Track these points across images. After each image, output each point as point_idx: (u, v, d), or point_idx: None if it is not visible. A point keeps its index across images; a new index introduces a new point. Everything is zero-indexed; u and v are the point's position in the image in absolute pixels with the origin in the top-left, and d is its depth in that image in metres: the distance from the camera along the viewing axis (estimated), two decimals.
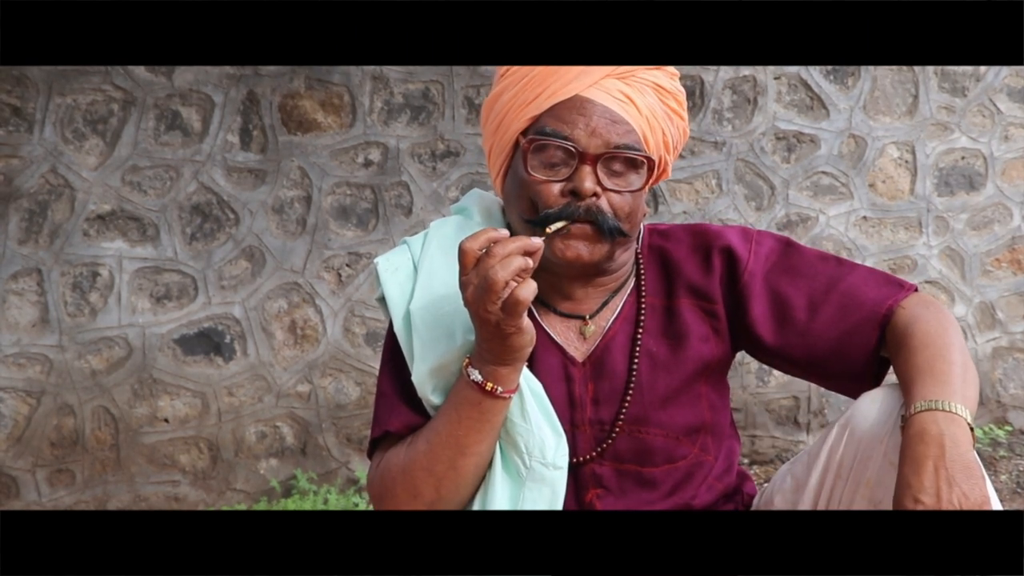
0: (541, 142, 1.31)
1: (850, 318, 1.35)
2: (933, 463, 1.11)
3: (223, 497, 3.22)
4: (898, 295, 1.35)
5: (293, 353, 3.27)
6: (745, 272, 1.40)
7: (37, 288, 3.06)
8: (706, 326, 1.42)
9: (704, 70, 3.53)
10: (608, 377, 1.39)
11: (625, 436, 1.38)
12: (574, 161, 1.30)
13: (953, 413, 1.15)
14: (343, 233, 3.29)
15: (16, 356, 3.04)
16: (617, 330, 1.41)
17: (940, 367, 1.21)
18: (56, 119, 3.05)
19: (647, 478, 1.39)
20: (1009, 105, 3.80)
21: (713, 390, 1.45)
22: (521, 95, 1.34)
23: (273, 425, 3.26)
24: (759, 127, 3.57)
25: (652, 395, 1.39)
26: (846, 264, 1.41)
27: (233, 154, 3.19)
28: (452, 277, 1.34)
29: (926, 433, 1.13)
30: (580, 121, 1.30)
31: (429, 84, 3.32)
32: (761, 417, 3.62)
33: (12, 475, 3.05)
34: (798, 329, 1.37)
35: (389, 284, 1.40)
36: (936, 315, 1.30)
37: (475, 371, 1.26)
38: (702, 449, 1.42)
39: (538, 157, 1.32)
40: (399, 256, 1.45)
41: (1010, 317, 3.87)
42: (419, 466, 1.31)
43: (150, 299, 3.15)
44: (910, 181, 3.73)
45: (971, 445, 1.14)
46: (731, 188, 3.56)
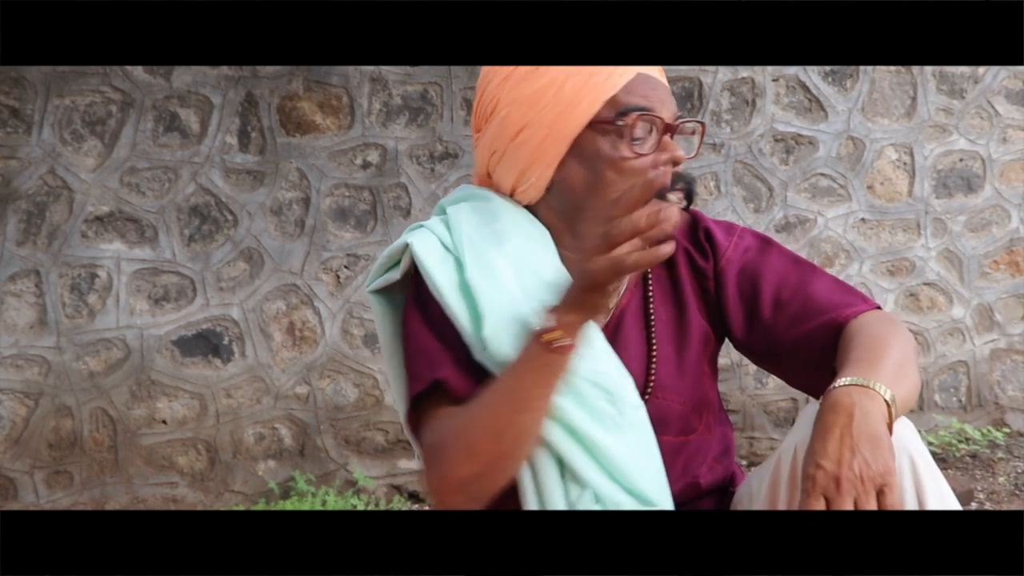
0: (644, 116, 1.32)
1: (811, 320, 1.36)
2: (840, 431, 1.12)
3: (221, 499, 3.22)
4: (859, 306, 1.37)
5: (291, 355, 3.27)
6: (723, 258, 1.42)
7: (35, 290, 3.06)
8: (701, 300, 1.44)
9: (702, 72, 3.53)
10: (627, 346, 1.39)
11: (651, 400, 1.38)
12: (655, 134, 1.32)
13: (869, 388, 1.15)
14: (341, 235, 3.29)
15: (14, 357, 3.04)
16: (629, 299, 1.42)
17: (869, 356, 1.22)
18: (54, 120, 3.05)
19: (666, 448, 1.38)
20: (1007, 107, 3.81)
21: (709, 367, 1.46)
22: (591, 79, 1.33)
23: (271, 427, 3.26)
24: (757, 129, 3.58)
25: (667, 362, 1.40)
26: (817, 271, 1.43)
27: (231, 156, 3.19)
28: (499, 253, 1.34)
29: (838, 404, 1.14)
30: (654, 95, 1.33)
31: (427, 86, 3.32)
32: (759, 419, 3.62)
33: (10, 477, 3.04)
34: (763, 324, 1.39)
35: (429, 259, 1.36)
36: (888, 328, 1.31)
37: (548, 320, 1.24)
38: (706, 427, 1.43)
39: (614, 136, 1.33)
40: (424, 235, 1.41)
41: (1008, 319, 3.87)
42: (478, 425, 1.26)
43: (148, 301, 3.15)
44: (908, 183, 3.74)
45: (883, 418, 1.14)
46: (729, 190, 3.56)
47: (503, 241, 1.36)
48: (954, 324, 3.81)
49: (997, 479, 3.38)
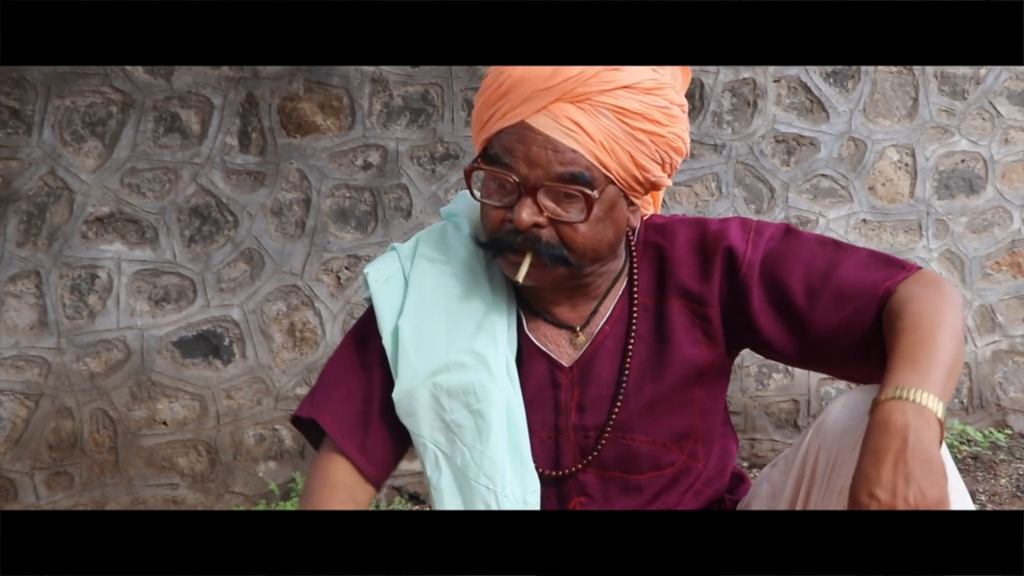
0: (482, 169, 1.30)
1: (849, 303, 1.29)
2: (894, 456, 1.07)
3: (221, 500, 3.21)
4: (898, 276, 1.29)
5: (292, 356, 3.26)
6: (744, 264, 1.35)
7: (35, 290, 3.06)
8: (697, 330, 1.37)
9: (704, 72, 3.53)
10: (595, 383, 1.37)
11: (611, 443, 1.36)
12: (517, 190, 1.27)
13: (922, 405, 1.09)
14: (342, 236, 3.28)
15: (14, 359, 3.04)
16: (607, 334, 1.38)
17: (921, 353, 1.15)
18: (55, 121, 3.05)
19: (632, 485, 1.37)
20: (1009, 108, 3.80)
21: (708, 394, 1.40)
22: (479, 116, 1.32)
23: (272, 428, 3.26)
24: (759, 130, 3.57)
25: (638, 401, 1.36)
26: (846, 248, 1.36)
27: (232, 156, 3.19)
28: (441, 294, 1.36)
29: (890, 424, 1.09)
30: (519, 150, 1.25)
31: (428, 87, 3.32)
32: (761, 420, 3.62)
33: (10, 478, 3.04)
34: (798, 318, 1.31)
35: (379, 296, 1.40)
36: (934, 294, 1.23)
37: None
38: (690, 456, 1.39)
39: (485, 181, 1.31)
40: (389, 265, 1.44)
41: (1010, 320, 3.87)
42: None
43: (149, 301, 3.15)
44: (910, 184, 3.73)
45: (936, 440, 1.09)
46: (731, 191, 3.56)
47: (447, 286, 1.39)
48: None
49: (999, 481, 3.38)
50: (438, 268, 1.40)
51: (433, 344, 1.34)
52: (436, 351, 1.34)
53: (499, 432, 1.31)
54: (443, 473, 1.34)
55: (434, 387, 1.32)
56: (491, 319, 1.35)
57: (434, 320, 1.36)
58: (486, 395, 1.31)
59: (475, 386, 1.31)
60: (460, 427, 1.32)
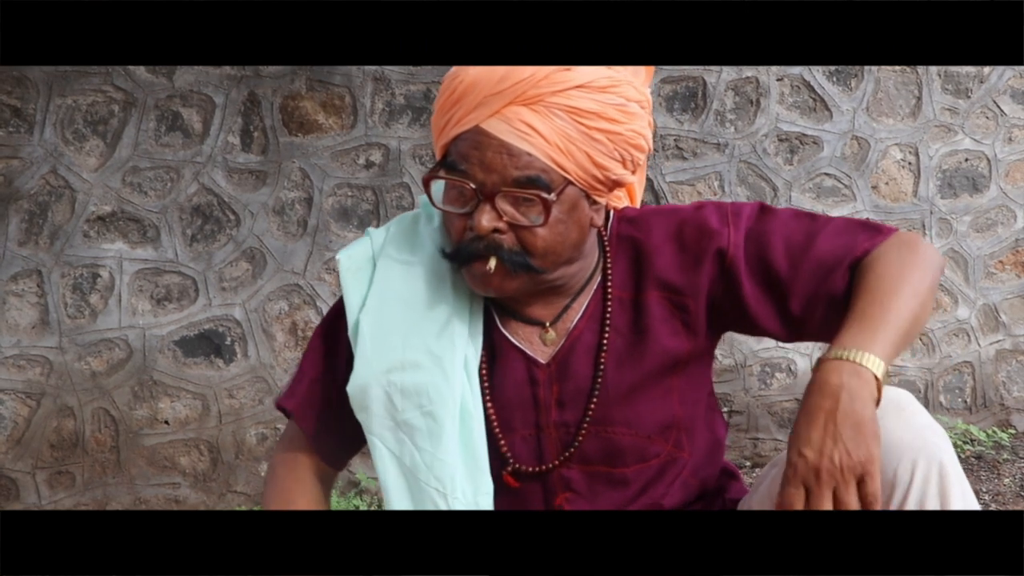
0: (439, 177, 1.30)
1: (829, 271, 1.30)
2: (824, 416, 1.10)
3: (223, 499, 3.22)
4: (876, 239, 1.30)
5: (294, 355, 3.26)
6: (730, 247, 1.34)
7: (37, 290, 3.06)
8: (675, 320, 1.36)
9: (706, 72, 3.52)
10: (573, 378, 1.36)
11: (592, 437, 1.35)
12: (475, 197, 1.26)
13: (861, 365, 1.12)
14: (344, 235, 3.28)
15: (16, 358, 3.04)
16: (583, 329, 1.37)
17: (872, 312, 1.18)
18: (56, 120, 3.05)
19: (618, 478, 1.36)
20: (1013, 107, 3.80)
21: (687, 382, 1.39)
22: (436, 122, 1.31)
23: (274, 427, 3.26)
24: (761, 129, 3.57)
25: (616, 392, 1.35)
26: (819, 218, 1.36)
27: (234, 155, 3.19)
28: (405, 290, 1.35)
29: (826, 384, 1.12)
30: (475, 156, 1.25)
31: (430, 85, 3.32)
32: (763, 420, 3.61)
33: (12, 477, 3.04)
34: (783, 292, 1.32)
35: (348, 286, 1.39)
36: (903, 255, 1.25)
37: None
38: (675, 446, 1.38)
39: (446, 188, 1.31)
40: (361, 252, 1.43)
41: (1013, 320, 3.86)
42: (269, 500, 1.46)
43: (150, 301, 3.15)
44: (913, 183, 3.73)
45: (871, 401, 1.12)
46: (733, 190, 3.55)
47: (411, 282, 1.38)
48: (959, 325, 3.80)
49: (1002, 480, 3.37)
50: (404, 262, 1.39)
51: (390, 341, 1.33)
52: (393, 348, 1.33)
53: (451, 435, 1.31)
54: (391, 472, 1.35)
55: (388, 384, 1.32)
56: (452, 319, 1.34)
57: (395, 317, 1.35)
58: (440, 397, 1.31)
59: (428, 387, 1.31)
60: (412, 428, 1.32)
